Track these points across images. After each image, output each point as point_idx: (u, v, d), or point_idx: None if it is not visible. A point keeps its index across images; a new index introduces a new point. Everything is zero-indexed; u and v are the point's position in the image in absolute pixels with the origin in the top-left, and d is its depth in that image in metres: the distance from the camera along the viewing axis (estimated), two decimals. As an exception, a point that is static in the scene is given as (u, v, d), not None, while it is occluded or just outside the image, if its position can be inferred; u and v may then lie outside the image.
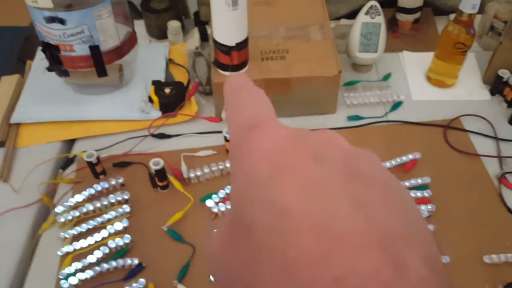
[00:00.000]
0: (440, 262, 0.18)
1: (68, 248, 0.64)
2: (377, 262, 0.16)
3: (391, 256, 0.16)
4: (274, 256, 0.17)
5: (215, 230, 0.21)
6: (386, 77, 0.89)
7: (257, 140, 0.21)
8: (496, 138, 0.79)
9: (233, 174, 0.22)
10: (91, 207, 0.68)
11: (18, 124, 0.81)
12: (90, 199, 0.70)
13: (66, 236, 0.65)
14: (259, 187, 0.19)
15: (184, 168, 0.73)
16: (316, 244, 0.16)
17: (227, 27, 0.71)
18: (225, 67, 0.76)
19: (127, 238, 0.64)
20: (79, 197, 0.69)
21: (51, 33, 0.73)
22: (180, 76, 0.89)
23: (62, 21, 0.71)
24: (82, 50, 0.75)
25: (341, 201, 0.18)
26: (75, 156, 0.77)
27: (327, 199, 0.18)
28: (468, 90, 0.87)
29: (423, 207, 0.67)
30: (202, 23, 0.98)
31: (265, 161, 0.20)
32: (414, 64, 0.92)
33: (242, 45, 0.73)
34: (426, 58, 0.89)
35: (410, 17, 0.98)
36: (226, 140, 0.74)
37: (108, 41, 0.76)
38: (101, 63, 0.77)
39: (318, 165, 0.19)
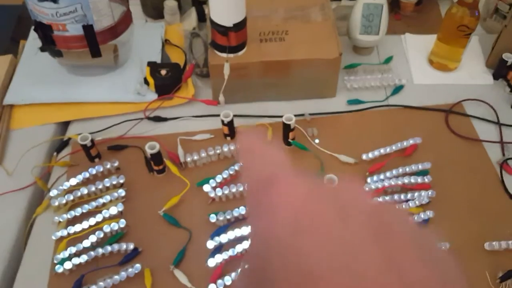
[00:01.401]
0: None
1: (62, 233, 0.63)
2: None
3: None
4: None
5: (237, 280, 0.22)
6: (388, 60, 0.87)
7: (278, 195, 0.21)
8: (498, 124, 0.77)
9: (254, 229, 0.22)
10: (85, 191, 0.66)
11: (11, 106, 0.80)
12: (84, 182, 0.68)
13: (61, 220, 0.64)
14: (283, 247, 0.19)
15: (180, 152, 0.71)
16: None
17: (224, 7, 0.69)
18: (222, 49, 0.74)
19: (122, 222, 0.63)
20: (73, 181, 0.68)
21: (43, 12, 0.70)
22: (176, 57, 0.87)
23: (54, 0, 0.69)
24: (75, 29, 0.72)
25: (371, 259, 0.18)
26: (69, 138, 0.75)
27: (355, 260, 0.18)
28: (471, 74, 0.86)
29: (423, 193, 0.65)
30: (200, 2, 0.96)
31: (289, 220, 0.20)
32: (416, 47, 0.90)
33: (240, 26, 0.71)
34: (428, 41, 0.87)
35: (413, -1, 0.96)
36: (224, 123, 0.72)
37: (102, 20, 0.74)
38: (95, 43, 0.75)
39: (344, 224, 0.19)
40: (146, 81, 0.80)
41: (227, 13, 0.70)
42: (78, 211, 0.65)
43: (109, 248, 0.61)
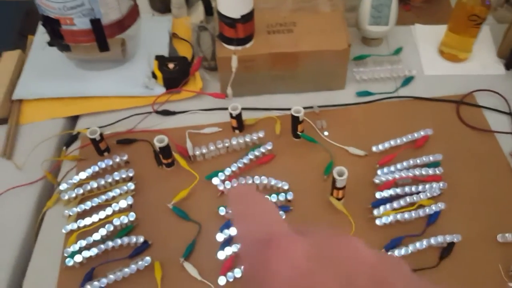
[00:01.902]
0: None
1: (72, 226, 0.63)
2: None
3: None
4: None
5: None
6: (397, 51, 0.86)
7: (274, 261, 0.20)
8: (510, 114, 0.76)
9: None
10: (95, 185, 0.66)
11: (20, 101, 0.80)
12: (94, 176, 0.69)
13: (71, 214, 0.65)
14: None
15: (189, 145, 0.71)
16: None
17: (232, -2, 0.68)
18: (230, 41, 0.73)
19: (132, 216, 0.63)
20: (83, 175, 0.68)
21: (50, 6, 0.70)
22: (184, 51, 0.87)
23: (61, -7, 0.69)
24: (82, 23, 0.72)
25: None
26: (78, 133, 0.76)
27: None
28: (482, 64, 0.84)
29: (434, 184, 0.65)
30: (207, -4, 0.95)
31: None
32: (426, 38, 0.89)
33: (248, 18, 0.71)
34: (438, 31, 0.85)
35: (423, -11, 0.94)
36: (232, 116, 0.72)
37: (109, 14, 0.73)
38: (102, 37, 0.74)
39: None
40: (154, 75, 0.80)
41: (235, 4, 0.69)
42: (88, 204, 0.65)
43: (119, 241, 0.61)
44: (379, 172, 0.67)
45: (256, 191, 0.25)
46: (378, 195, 0.65)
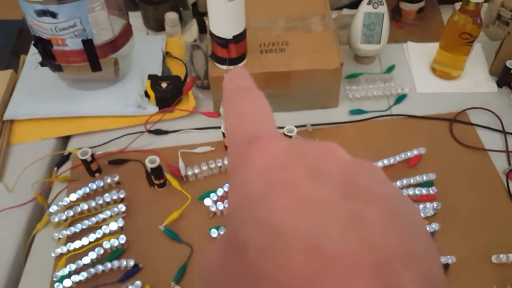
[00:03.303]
0: (442, 284, 0.17)
1: (62, 249, 0.62)
2: (370, 286, 0.15)
3: (385, 279, 0.15)
4: (264, 278, 0.16)
5: (212, 246, 0.20)
6: (390, 69, 0.86)
7: (254, 156, 0.20)
8: (503, 132, 0.76)
9: (230, 191, 0.21)
10: (86, 207, 0.66)
11: (11, 121, 0.79)
12: (85, 198, 0.68)
13: (60, 236, 0.64)
14: (253, 206, 0.18)
15: (181, 165, 0.71)
16: (306, 266, 0.15)
17: (223, 19, 0.68)
18: (222, 61, 0.73)
19: (122, 238, 0.62)
20: (73, 196, 0.67)
21: (42, 27, 0.70)
22: (177, 70, 0.87)
23: (53, 15, 0.69)
24: (75, 44, 0.72)
25: (335, 219, 0.17)
26: (70, 153, 0.75)
27: (321, 217, 0.17)
28: (474, 82, 0.85)
29: (428, 205, 0.64)
30: (201, 14, 0.96)
31: (260, 179, 0.19)
32: (418, 56, 0.89)
33: (240, 38, 0.71)
34: (431, 49, 0.86)
35: (414, 6, 0.95)
36: (225, 136, 0.72)
37: (102, 34, 0.73)
38: (95, 57, 0.74)
39: (314, 182, 0.18)
40: (146, 94, 0.80)
41: (227, 25, 0.69)
42: (78, 227, 0.64)
43: (109, 265, 0.60)
44: (372, 192, 0.67)
45: (252, 84, 0.25)
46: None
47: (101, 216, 0.65)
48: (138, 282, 0.58)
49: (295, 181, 0.18)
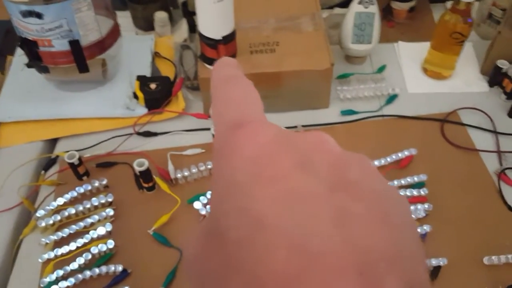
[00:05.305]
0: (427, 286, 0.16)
1: (49, 255, 0.61)
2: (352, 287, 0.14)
3: (368, 281, 0.14)
4: (243, 271, 0.15)
5: (193, 231, 0.19)
6: (381, 69, 0.86)
7: (241, 143, 0.19)
8: (495, 132, 0.76)
9: (213, 176, 0.20)
10: (73, 211, 0.65)
11: (-2, 124, 0.78)
12: (72, 202, 0.67)
13: (47, 242, 0.63)
14: (236, 195, 0.17)
15: (171, 168, 0.70)
16: (288, 263, 0.15)
17: (212, 20, 0.67)
18: (212, 62, 0.72)
19: (110, 243, 0.61)
20: (61, 200, 0.66)
21: (28, 28, 0.69)
22: (166, 70, 0.86)
23: (39, 15, 0.67)
24: (61, 45, 0.71)
25: (320, 215, 0.16)
26: (57, 156, 0.74)
27: (306, 212, 0.16)
28: (465, 81, 0.84)
29: (419, 206, 0.64)
30: (191, 13, 0.95)
31: (246, 167, 0.18)
32: (409, 55, 0.89)
33: (229, 38, 0.70)
34: (422, 49, 0.85)
35: (406, 5, 0.95)
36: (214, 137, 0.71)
37: (89, 35, 0.72)
38: (82, 58, 0.73)
39: (302, 174, 0.17)
40: (135, 96, 0.79)
41: (216, 26, 0.68)
42: (66, 232, 0.63)
43: (97, 270, 0.59)
44: (363, 193, 0.66)
45: (240, 73, 0.24)
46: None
47: (89, 220, 0.64)
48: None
49: (282, 172, 0.17)
